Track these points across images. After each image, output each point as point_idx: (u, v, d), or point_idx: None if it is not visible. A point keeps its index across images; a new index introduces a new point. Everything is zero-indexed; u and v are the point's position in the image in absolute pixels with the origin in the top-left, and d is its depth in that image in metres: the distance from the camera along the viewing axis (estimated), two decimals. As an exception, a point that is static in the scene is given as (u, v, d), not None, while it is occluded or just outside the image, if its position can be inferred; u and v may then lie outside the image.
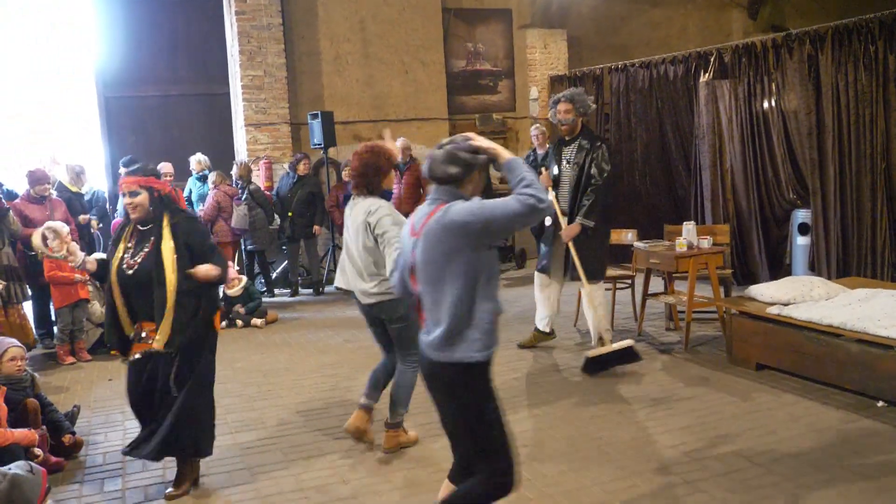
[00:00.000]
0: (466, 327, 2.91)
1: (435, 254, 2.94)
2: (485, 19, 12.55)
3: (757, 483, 3.98)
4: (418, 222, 3.04)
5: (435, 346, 2.96)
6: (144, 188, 4.11)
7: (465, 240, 2.88)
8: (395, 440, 4.72)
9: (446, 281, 2.91)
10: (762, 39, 8.95)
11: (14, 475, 3.14)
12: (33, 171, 7.81)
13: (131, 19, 10.84)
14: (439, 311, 2.94)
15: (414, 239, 3.04)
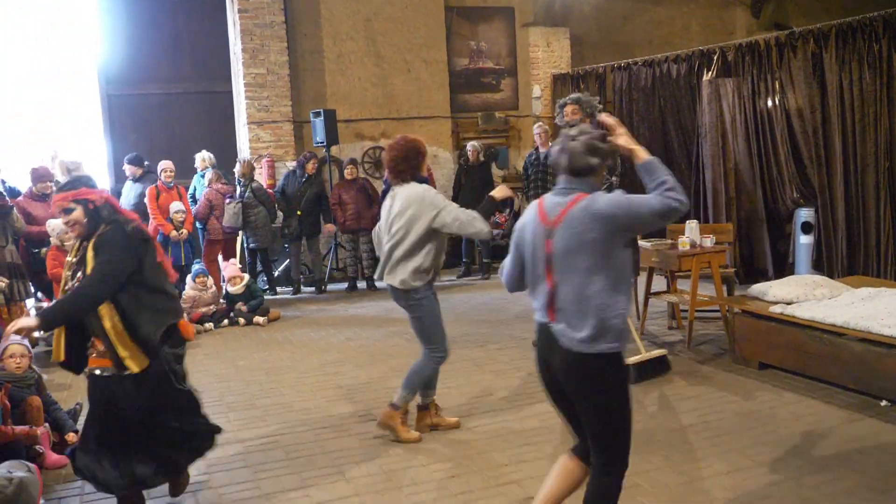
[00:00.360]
0: (610, 319, 2.93)
1: (578, 243, 2.94)
2: (487, 17, 12.54)
3: (759, 482, 3.97)
4: (551, 212, 3.04)
5: (579, 339, 2.95)
6: (78, 202, 3.73)
7: (609, 232, 2.91)
8: (391, 419, 4.78)
9: (592, 271, 2.93)
10: (766, 38, 8.94)
11: (21, 479, 3.15)
12: (36, 168, 7.83)
13: (133, 17, 10.85)
14: (582, 302, 2.95)
15: (547, 228, 3.03)
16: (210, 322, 8.29)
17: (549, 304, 3.05)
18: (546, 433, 4.81)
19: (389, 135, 11.45)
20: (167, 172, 8.91)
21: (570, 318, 2.98)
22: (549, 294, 3.04)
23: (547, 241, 3.03)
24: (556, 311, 3.03)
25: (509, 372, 6.14)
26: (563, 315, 3.01)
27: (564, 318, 3.00)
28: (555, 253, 3.00)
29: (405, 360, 6.56)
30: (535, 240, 3.10)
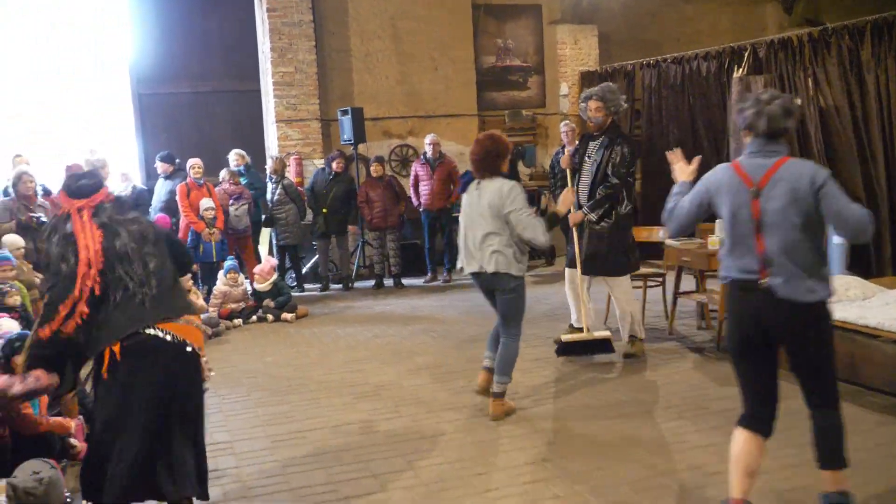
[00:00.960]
0: (821, 269, 3.27)
1: (792, 201, 3.20)
2: (515, 15, 12.52)
3: (788, 485, 3.94)
4: (755, 174, 3.29)
5: (803, 290, 3.22)
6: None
7: (816, 196, 3.18)
8: (501, 408, 5.11)
9: (803, 228, 3.22)
10: (798, 34, 8.83)
11: (49, 477, 3.19)
12: (70, 166, 7.95)
13: (164, 16, 10.98)
14: (797, 258, 3.22)
15: (752, 190, 3.26)
16: (239, 318, 8.37)
17: (761, 261, 3.26)
18: (568, 434, 4.80)
19: (417, 133, 11.50)
20: (196, 170, 9.01)
21: (787, 272, 3.22)
22: (761, 252, 3.26)
23: (754, 202, 3.26)
24: (769, 266, 3.25)
25: (534, 371, 6.13)
26: (780, 270, 3.23)
27: (781, 273, 3.23)
28: (766, 212, 3.24)
29: (431, 358, 6.61)
30: (736, 202, 3.31)
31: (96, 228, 3.34)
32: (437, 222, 10.33)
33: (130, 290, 3.29)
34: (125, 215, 3.46)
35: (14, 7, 10.63)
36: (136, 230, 3.42)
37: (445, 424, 5.01)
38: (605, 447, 4.52)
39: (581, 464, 4.29)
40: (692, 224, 3.62)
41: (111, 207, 3.44)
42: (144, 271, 3.35)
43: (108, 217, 3.40)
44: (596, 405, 5.28)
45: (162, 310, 3.35)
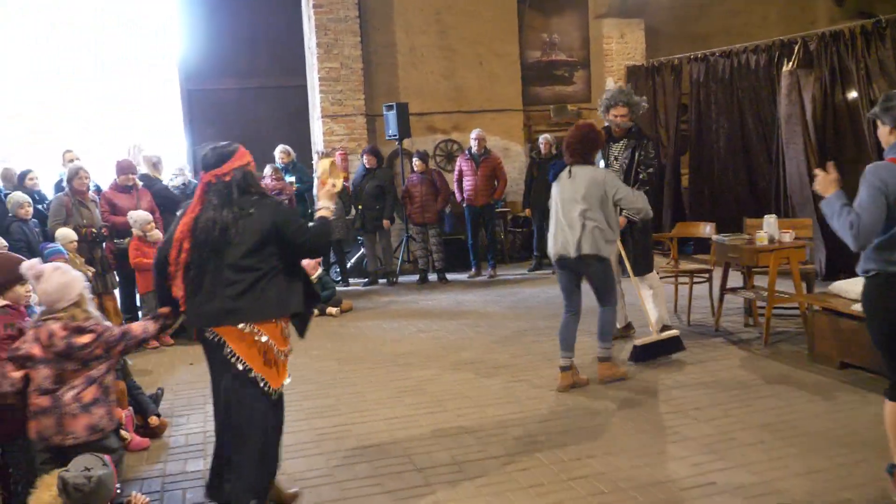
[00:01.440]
0: None
1: None
2: (560, 9, 12.45)
3: (838, 485, 3.87)
4: None
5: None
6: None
7: None
8: (609, 371, 5.57)
9: None
10: (850, 27, 8.63)
11: (100, 476, 3.25)
12: (120, 161, 8.11)
13: (212, 14, 11.14)
14: None
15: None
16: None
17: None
18: (614, 430, 4.77)
19: (461, 128, 11.50)
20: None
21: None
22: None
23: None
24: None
25: (580, 366, 6.10)
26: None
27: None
28: None
29: (475, 353, 6.62)
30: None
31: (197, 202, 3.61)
32: (480, 217, 10.33)
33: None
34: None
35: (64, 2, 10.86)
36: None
37: (489, 419, 5.02)
38: (651, 445, 4.49)
39: (626, 460, 4.27)
40: (878, 230, 3.47)
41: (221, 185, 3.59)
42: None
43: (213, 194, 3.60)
44: (640, 401, 5.24)
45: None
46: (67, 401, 3.47)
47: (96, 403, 3.53)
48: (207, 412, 5.45)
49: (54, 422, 3.46)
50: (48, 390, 3.46)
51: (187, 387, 6.12)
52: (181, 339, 7.65)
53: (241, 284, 3.49)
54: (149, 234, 7.46)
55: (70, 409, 3.47)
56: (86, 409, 3.50)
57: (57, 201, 7.43)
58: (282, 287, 3.58)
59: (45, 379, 3.47)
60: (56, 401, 3.46)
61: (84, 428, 3.49)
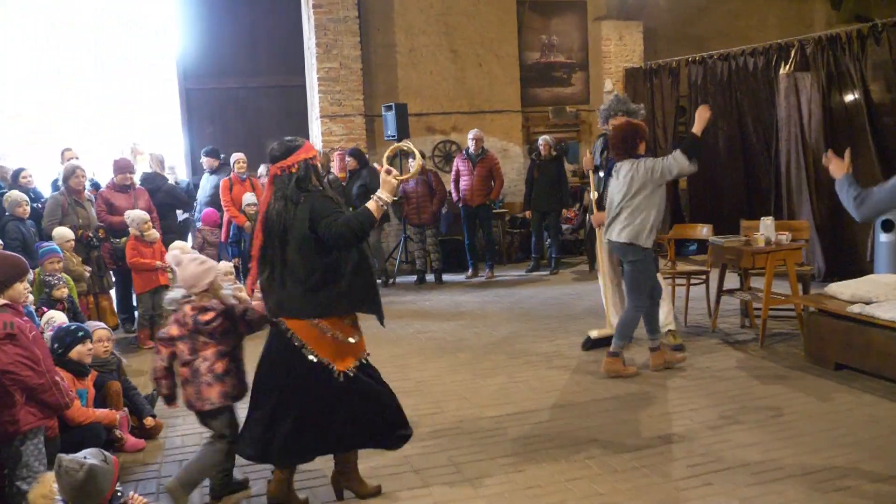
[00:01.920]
0: None
1: None
2: (559, 11, 12.47)
3: (836, 486, 3.88)
4: None
5: None
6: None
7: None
8: (613, 365, 5.81)
9: None
10: (847, 30, 8.67)
11: (91, 466, 3.25)
12: (117, 160, 8.11)
13: (212, 12, 11.14)
14: None
15: None
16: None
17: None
18: (611, 430, 4.78)
19: (461, 129, 11.52)
20: (240, 164, 9.04)
21: None
22: None
23: None
24: None
25: (578, 368, 6.12)
26: None
27: None
28: None
29: (473, 354, 6.63)
30: None
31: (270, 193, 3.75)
32: (476, 218, 10.33)
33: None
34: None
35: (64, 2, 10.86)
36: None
37: (486, 421, 5.03)
38: (649, 445, 4.50)
39: (622, 462, 4.28)
40: (886, 212, 4.04)
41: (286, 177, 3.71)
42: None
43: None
44: (639, 402, 5.25)
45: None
46: (203, 371, 3.87)
47: (228, 374, 3.92)
48: (205, 411, 5.46)
49: (194, 391, 3.88)
50: (187, 361, 3.89)
51: (185, 386, 6.12)
52: (179, 339, 7.66)
53: (300, 278, 3.65)
54: (146, 234, 7.45)
55: (205, 378, 3.87)
56: (219, 379, 3.89)
57: (53, 200, 7.43)
58: (325, 287, 3.68)
59: (183, 352, 3.91)
60: (194, 372, 3.88)
61: (218, 395, 3.89)
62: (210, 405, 3.89)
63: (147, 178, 8.54)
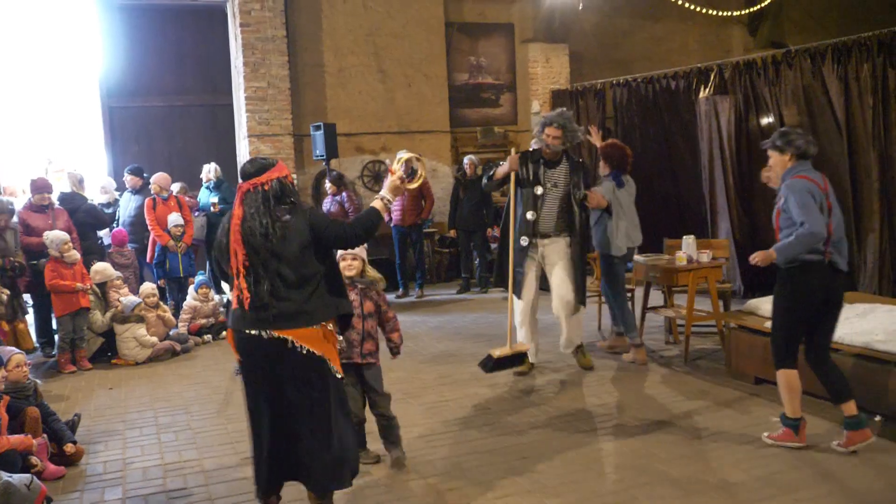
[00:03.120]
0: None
1: (835, 203, 4.54)
2: (487, 33, 12.64)
3: (755, 496, 3.99)
4: (821, 182, 4.52)
5: (843, 263, 4.54)
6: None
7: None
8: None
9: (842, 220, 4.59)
10: (762, 56, 9.01)
11: (6, 483, 3.12)
12: (34, 180, 7.87)
13: (136, 29, 10.95)
14: (842, 241, 4.54)
15: (824, 193, 4.48)
16: (209, 333, 8.31)
17: (826, 244, 4.43)
18: (540, 448, 4.83)
19: (390, 149, 11.53)
20: (155, 187, 8.85)
21: (840, 250, 4.52)
22: (828, 237, 4.43)
23: (827, 202, 4.47)
24: (831, 249, 4.46)
25: (506, 386, 6.17)
26: (833, 251, 4.48)
27: (836, 250, 4.49)
28: (833, 208, 4.49)
29: (403, 374, 6.60)
30: (819, 201, 4.42)
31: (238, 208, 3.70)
32: (407, 238, 10.35)
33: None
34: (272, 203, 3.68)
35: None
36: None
37: (417, 440, 5.02)
38: (577, 461, 4.56)
39: (553, 478, 4.32)
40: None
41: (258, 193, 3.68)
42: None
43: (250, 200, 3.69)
44: (567, 419, 5.31)
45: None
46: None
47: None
48: (127, 438, 5.32)
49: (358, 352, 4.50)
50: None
51: (106, 412, 5.94)
52: (100, 363, 7.45)
53: (297, 289, 3.62)
54: (66, 255, 7.24)
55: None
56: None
57: None
58: (330, 290, 3.74)
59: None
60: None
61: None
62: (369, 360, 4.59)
63: (65, 198, 8.28)
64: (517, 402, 5.76)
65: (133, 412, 5.92)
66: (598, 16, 13.01)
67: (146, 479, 4.60)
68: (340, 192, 10.01)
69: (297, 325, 3.60)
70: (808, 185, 4.44)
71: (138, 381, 6.87)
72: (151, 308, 7.78)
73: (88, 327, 7.47)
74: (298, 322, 3.60)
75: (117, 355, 7.50)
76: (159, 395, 6.36)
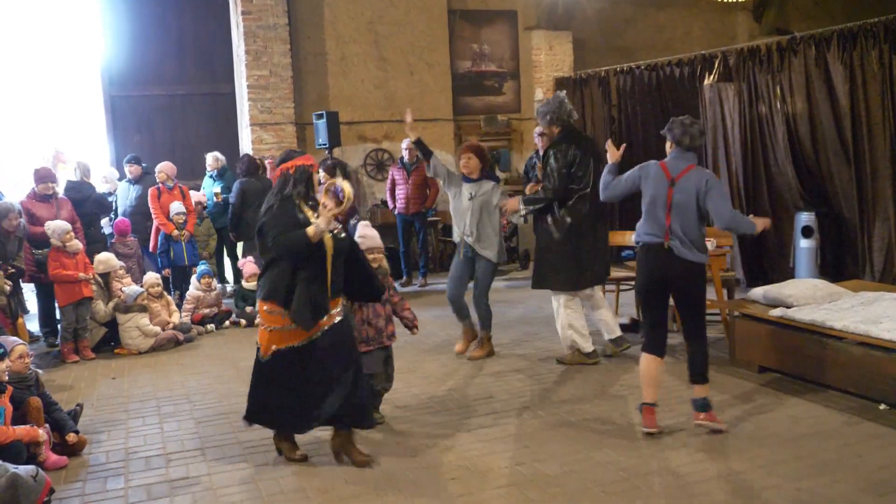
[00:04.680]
0: (702, 242, 4.72)
1: (689, 195, 4.60)
2: (490, 21, 12.57)
3: (758, 485, 3.98)
4: (674, 171, 4.68)
5: (688, 252, 4.63)
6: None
7: (705, 192, 4.58)
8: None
9: (695, 213, 4.62)
10: (767, 42, 8.96)
11: (14, 475, 3.12)
12: (38, 169, 7.85)
13: (138, 18, 10.91)
14: (687, 231, 4.63)
15: (669, 181, 4.66)
16: (212, 323, 8.31)
17: (666, 231, 4.65)
18: (542, 437, 4.82)
19: (392, 137, 11.50)
20: (161, 175, 8.82)
21: (681, 240, 4.63)
22: (667, 225, 4.64)
23: (669, 190, 4.65)
24: (671, 236, 4.64)
25: (509, 374, 6.16)
26: (675, 238, 4.63)
27: (676, 240, 4.63)
28: (674, 198, 4.63)
29: (406, 363, 6.58)
30: (657, 186, 4.69)
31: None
32: (411, 226, 10.34)
33: None
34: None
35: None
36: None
37: (419, 427, 5.01)
38: (579, 450, 4.55)
39: (555, 467, 4.32)
40: (622, 197, 5.13)
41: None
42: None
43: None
44: (569, 408, 5.30)
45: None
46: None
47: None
48: (129, 427, 5.33)
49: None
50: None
51: (108, 402, 5.95)
52: (103, 353, 7.46)
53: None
54: (68, 245, 7.23)
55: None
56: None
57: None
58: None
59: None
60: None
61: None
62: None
63: (73, 187, 8.28)
64: (519, 391, 5.74)
65: (136, 402, 5.92)
66: (601, 3, 12.91)
67: (149, 469, 4.60)
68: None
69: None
70: (647, 167, 4.81)
71: (141, 370, 6.87)
72: (155, 298, 7.78)
73: (91, 317, 7.47)
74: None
75: (120, 345, 7.50)
76: (162, 385, 6.36)
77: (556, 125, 6.26)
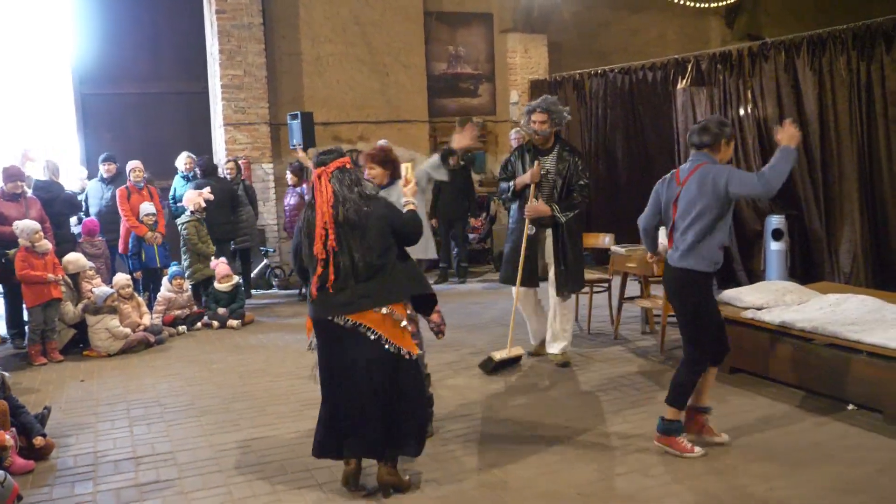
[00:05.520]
0: (704, 245, 4.30)
1: (694, 196, 4.30)
2: (466, 23, 12.58)
3: (729, 484, 4.01)
4: (683, 174, 4.45)
5: (675, 258, 4.38)
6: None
7: (715, 191, 4.22)
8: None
9: (701, 214, 4.28)
10: (738, 48, 9.04)
11: None
12: (7, 168, 7.73)
13: (110, 15, 10.76)
14: (690, 235, 4.31)
15: (677, 186, 4.45)
16: (183, 325, 8.23)
17: (670, 236, 4.50)
18: (517, 439, 4.82)
19: (367, 138, 11.46)
20: (136, 173, 8.72)
21: (681, 245, 4.38)
22: (671, 229, 4.48)
23: (677, 194, 4.44)
24: (674, 242, 4.45)
25: (484, 376, 6.16)
26: (675, 245, 4.42)
27: (676, 244, 4.42)
28: (679, 201, 4.42)
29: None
30: (669, 191, 4.56)
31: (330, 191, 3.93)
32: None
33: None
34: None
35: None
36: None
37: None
38: (554, 452, 4.56)
39: (530, 469, 4.32)
40: (656, 220, 4.83)
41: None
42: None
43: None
44: (544, 410, 5.31)
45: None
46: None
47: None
48: (98, 431, 5.25)
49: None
50: None
51: (77, 405, 5.86)
52: (71, 355, 7.35)
53: (375, 272, 3.91)
54: (37, 245, 7.13)
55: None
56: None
57: None
58: (405, 272, 4.05)
59: None
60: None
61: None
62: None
63: (42, 187, 8.14)
64: (494, 393, 5.75)
65: (105, 405, 5.85)
66: (577, 6, 12.99)
67: (118, 473, 4.54)
68: (301, 183, 9.92)
69: (365, 308, 3.85)
70: (664, 177, 4.66)
71: (111, 373, 6.79)
72: (126, 299, 7.69)
73: (60, 318, 7.36)
74: (366, 305, 3.85)
75: (89, 347, 7.40)
76: (132, 387, 6.28)
77: (556, 125, 6.25)
